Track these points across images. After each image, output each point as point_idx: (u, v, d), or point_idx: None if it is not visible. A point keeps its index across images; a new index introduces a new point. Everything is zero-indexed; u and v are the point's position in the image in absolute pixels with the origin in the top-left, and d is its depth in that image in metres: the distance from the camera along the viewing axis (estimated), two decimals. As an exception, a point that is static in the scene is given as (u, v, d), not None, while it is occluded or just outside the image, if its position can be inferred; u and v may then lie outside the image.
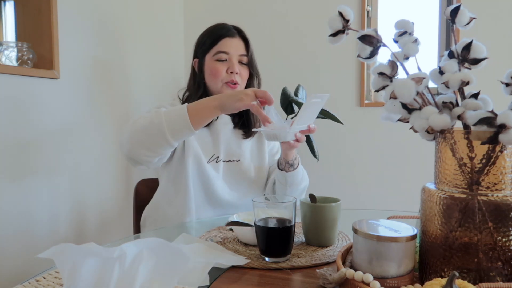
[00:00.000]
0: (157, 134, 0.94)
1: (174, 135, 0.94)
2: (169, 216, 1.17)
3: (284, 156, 1.13)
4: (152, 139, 0.95)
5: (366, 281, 0.53)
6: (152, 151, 0.97)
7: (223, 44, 1.18)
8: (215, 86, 1.19)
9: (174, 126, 0.93)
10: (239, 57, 1.19)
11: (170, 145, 0.96)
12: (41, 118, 1.45)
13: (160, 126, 0.93)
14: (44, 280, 0.61)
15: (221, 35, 1.19)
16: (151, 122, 0.94)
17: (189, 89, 1.25)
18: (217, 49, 1.18)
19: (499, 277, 0.51)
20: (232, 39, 1.19)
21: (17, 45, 1.39)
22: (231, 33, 1.20)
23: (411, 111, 0.56)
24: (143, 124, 0.95)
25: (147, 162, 1.01)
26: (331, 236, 0.81)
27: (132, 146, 0.97)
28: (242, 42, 1.21)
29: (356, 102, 2.13)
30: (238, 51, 1.19)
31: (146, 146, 0.96)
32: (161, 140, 0.94)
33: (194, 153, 1.15)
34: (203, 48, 1.21)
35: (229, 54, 1.17)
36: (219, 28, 1.21)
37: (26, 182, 1.40)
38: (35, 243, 1.43)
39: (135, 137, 0.97)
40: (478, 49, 0.56)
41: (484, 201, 0.51)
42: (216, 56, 1.18)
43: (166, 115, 0.94)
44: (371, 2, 2.09)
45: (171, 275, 0.52)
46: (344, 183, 2.16)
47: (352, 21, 0.63)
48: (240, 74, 1.19)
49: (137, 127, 0.96)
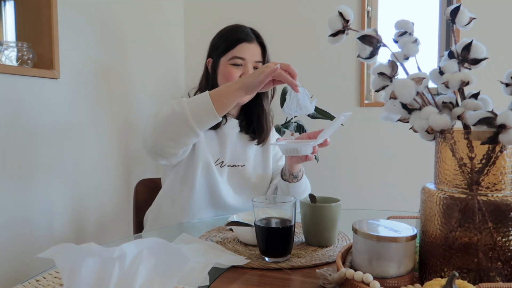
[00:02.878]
0: (181, 124, 0.92)
1: (199, 123, 0.92)
2: (170, 214, 1.17)
3: (290, 168, 1.10)
4: (176, 129, 0.93)
5: (366, 281, 0.53)
6: (177, 142, 0.95)
7: (239, 50, 1.14)
8: None
9: (198, 113, 0.91)
10: (255, 64, 1.16)
11: (195, 134, 0.94)
12: (41, 118, 1.45)
13: (184, 115, 0.91)
14: (44, 280, 0.61)
15: (238, 39, 1.15)
16: (174, 112, 0.92)
17: (201, 88, 1.23)
18: (233, 53, 1.14)
19: (499, 277, 0.51)
20: (249, 45, 1.15)
21: (17, 45, 1.39)
22: (249, 38, 1.16)
23: (411, 111, 0.56)
24: (166, 115, 0.93)
25: (172, 154, 0.99)
26: (331, 236, 0.81)
27: (156, 139, 0.96)
28: (259, 47, 1.18)
29: (356, 102, 2.13)
30: (255, 57, 1.16)
31: (171, 137, 0.94)
32: (186, 129, 0.92)
33: (205, 156, 1.13)
34: (219, 50, 1.18)
35: (245, 60, 1.14)
36: (237, 31, 1.17)
37: (26, 182, 1.40)
38: (35, 243, 1.43)
39: (158, 129, 0.95)
40: (478, 49, 0.56)
41: (484, 201, 0.51)
42: (231, 61, 1.15)
43: (189, 103, 0.92)
44: (371, 2, 2.09)
45: (171, 275, 0.52)
46: (344, 183, 2.16)
47: (352, 21, 0.63)
48: None
49: (160, 119, 0.94)
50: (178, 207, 1.16)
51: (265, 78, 0.90)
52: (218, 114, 0.92)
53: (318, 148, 0.99)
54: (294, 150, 0.93)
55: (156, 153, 1.00)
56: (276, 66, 0.89)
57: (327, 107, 1.85)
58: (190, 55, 2.39)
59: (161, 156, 1.01)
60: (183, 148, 0.99)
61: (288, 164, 1.10)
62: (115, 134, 1.82)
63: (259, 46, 1.18)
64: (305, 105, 0.93)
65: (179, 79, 2.36)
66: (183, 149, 1.00)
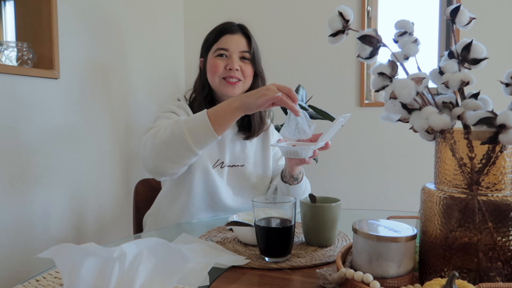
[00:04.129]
0: (180, 146, 0.91)
1: (198, 144, 0.91)
2: (169, 217, 1.17)
3: (290, 171, 1.10)
4: (176, 152, 0.92)
5: (366, 281, 0.53)
6: (177, 163, 0.95)
7: (223, 41, 1.16)
8: (213, 82, 1.16)
9: (197, 134, 0.90)
10: (241, 53, 1.16)
11: (195, 154, 0.94)
12: (41, 118, 1.45)
13: (182, 137, 0.90)
14: (44, 280, 0.61)
15: (221, 31, 1.17)
16: (172, 134, 0.91)
17: (196, 89, 1.23)
18: (218, 45, 1.16)
19: (499, 277, 0.51)
20: (232, 36, 1.16)
21: (17, 45, 1.39)
22: (233, 29, 1.17)
23: (411, 111, 0.56)
24: (164, 138, 0.92)
25: (173, 174, 1.00)
26: (331, 236, 0.81)
27: (156, 162, 0.95)
28: (244, 38, 1.18)
29: (356, 102, 2.13)
30: (239, 47, 1.16)
31: (171, 159, 0.94)
32: (185, 151, 0.92)
33: (202, 158, 1.12)
34: (206, 46, 1.20)
35: (229, 51, 1.15)
36: (221, 25, 1.19)
37: (26, 182, 1.40)
38: (35, 243, 1.43)
39: (158, 152, 0.94)
40: (478, 49, 0.56)
41: (484, 201, 0.51)
42: (216, 53, 1.16)
43: (187, 124, 0.91)
44: (371, 2, 2.09)
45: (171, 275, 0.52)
46: (344, 183, 2.16)
47: (352, 21, 0.63)
48: (243, 70, 1.16)
49: (159, 142, 0.93)
50: (177, 211, 1.15)
51: (265, 102, 0.89)
52: (217, 134, 0.91)
53: (318, 152, 0.98)
54: (294, 152, 0.93)
55: (157, 173, 1.00)
56: (277, 95, 0.88)
57: (327, 107, 1.85)
58: (190, 55, 2.39)
59: (162, 175, 1.01)
60: (184, 167, 0.99)
61: (288, 166, 1.10)
62: (115, 134, 1.82)
63: (244, 36, 1.18)
64: (304, 129, 0.91)
65: (179, 79, 2.36)
66: (184, 168, 1.00)
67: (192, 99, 1.21)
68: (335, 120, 0.90)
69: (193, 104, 1.19)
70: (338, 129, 0.95)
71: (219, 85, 1.15)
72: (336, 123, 0.90)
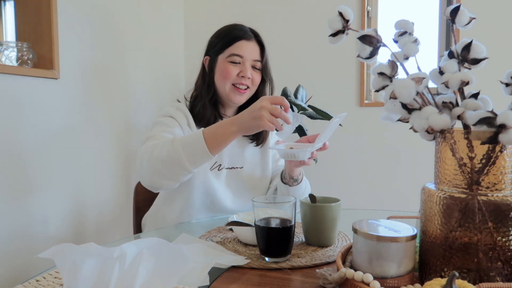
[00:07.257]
0: (176, 166, 0.94)
1: (193, 164, 0.94)
2: (168, 219, 1.17)
3: (290, 172, 1.10)
4: (172, 171, 0.96)
5: (366, 281, 0.53)
6: (173, 180, 0.98)
7: (238, 47, 1.14)
8: (223, 87, 1.15)
9: (192, 155, 0.93)
10: (253, 62, 1.15)
11: (191, 173, 0.97)
12: (41, 118, 1.45)
13: (178, 158, 0.93)
14: (44, 280, 0.61)
15: (237, 37, 1.14)
16: (168, 154, 0.94)
17: (197, 88, 1.20)
18: (232, 51, 1.14)
19: (499, 277, 0.51)
20: (248, 42, 1.15)
21: (17, 45, 1.39)
22: (247, 36, 1.15)
23: (411, 111, 0.56)
24: (160, 157, 0.95)
25: (170, 188, 1.05)
26: (331, 236, 0.81)
27: (153, 179, 0.99)
28: (257, 46, 1.17)
29: (356, 102, 2.13)
30: (253, 55, 1.15)
31: (167, 177, 0.97)
32: (181, 170, 0.95)
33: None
34: (216, 48, 1.17)
35: (243, 58, 1.13)
36: (236, 29, 1.17)
37: (26, 182, 1.40)
38: (35, 243, 1.43)
39: (154, 170, 0.97)
40: (478, 49, 0.56)
41: (484, 201, 0.51)
42: (229, 58, 1.14)
43: (183, 145, 0.94)
44: (371, 2, 2.09)
45: (171, 275, 0.52)
46: (344, 183, 2.16)
47: (352, 21, 0.63)
48: (252, 79, 1.15)
49: (155, 160, 0.96)
50: (176, 212, 1.15)
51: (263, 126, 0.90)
52: (212, 155, 0.93)
53: (316, 153, 0.98)
54: (292, 155, 0.93)
55: (154, 188, 1.03)
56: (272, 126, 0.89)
57: (327, 107, 1.85)
58: (190, 55, 2.39)
59: (158, 190, 1.07)
60: (180, 182, 1.02)
61: (287, 168, 1.10)
62: (115, 134, 1.82)
63: (258, 44, 1.17)
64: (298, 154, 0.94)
65: (179, 79, 2.36)
66: (179, 183, 1.02)
67: (193, 98, 1.19)
68: (330, 120, 0.90)
69: (195, 103, 1.17)
70: (335, 129, 0.95)
71: (228, 91, 1.15)
72: (331, 123, 0.90)
